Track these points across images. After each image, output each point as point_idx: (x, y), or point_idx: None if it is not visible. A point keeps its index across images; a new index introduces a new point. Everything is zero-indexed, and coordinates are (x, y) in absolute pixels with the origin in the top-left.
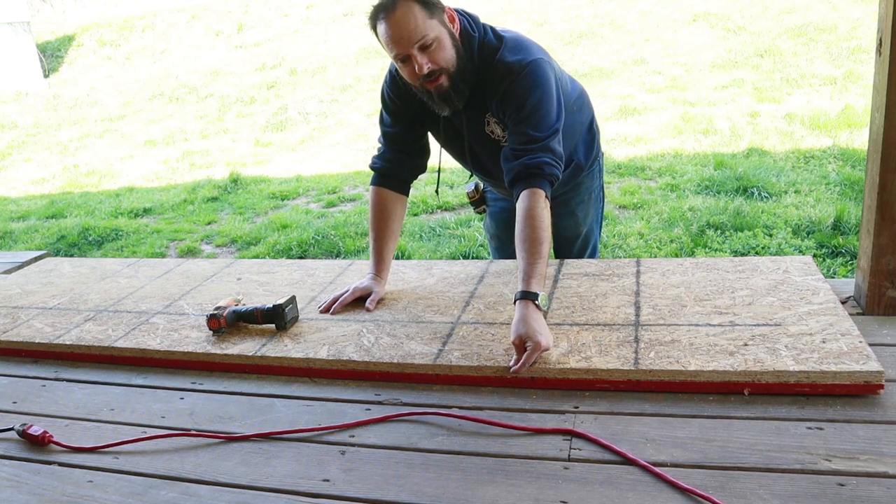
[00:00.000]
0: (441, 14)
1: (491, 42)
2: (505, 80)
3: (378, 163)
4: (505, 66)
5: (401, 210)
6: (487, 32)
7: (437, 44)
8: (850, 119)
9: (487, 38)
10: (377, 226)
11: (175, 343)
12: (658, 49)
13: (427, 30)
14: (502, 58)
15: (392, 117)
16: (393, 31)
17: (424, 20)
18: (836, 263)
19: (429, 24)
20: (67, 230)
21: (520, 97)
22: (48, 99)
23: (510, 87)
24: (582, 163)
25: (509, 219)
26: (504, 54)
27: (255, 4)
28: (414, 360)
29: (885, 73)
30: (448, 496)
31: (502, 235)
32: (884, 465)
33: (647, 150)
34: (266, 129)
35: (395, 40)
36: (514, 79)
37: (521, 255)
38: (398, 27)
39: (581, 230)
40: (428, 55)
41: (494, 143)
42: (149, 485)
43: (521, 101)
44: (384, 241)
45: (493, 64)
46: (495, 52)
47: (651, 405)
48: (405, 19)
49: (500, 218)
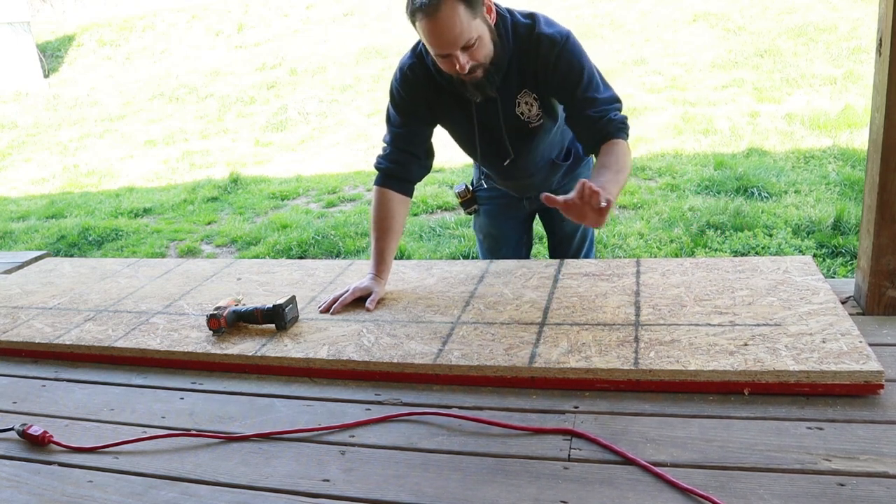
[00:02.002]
0: (482, 8)
1: (522, 21)
2: (552, 51)
3: (383, 163)
4: (548, 38)
5: (403, 211)
6: (514, 13)
7: (479, 42)
8: (850, 119)
9: (516, 18)
10: (379, 226)
11: (175, 343)
12: (658, 49)
13: (471, 31)
14: (541, 31)
15: (401, 116)
16: (437, 31)
17: (469, 21)
18: (836, 263)
19: (472, 25)
20: (67, 230)
21: (573, 67)
22: (48, 99)
23: (559, 57)
24: (581, 154)
25: (504, 215)
26: (542, 28)
27: (255, 4)
28: (414, 360)
29: (885, 73)
30: (448, 496)
31: (497, 233)
32: (884, 465)
33: (647, 150)
34: (266, 129)
35: (438, 41)
36: (561, 50)
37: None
38: (442, 29)
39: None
40: (469, 54)
41: (525, 124)
42: (149, 485)
43: (576, 71)
44: (386, 241)
45: (531, 39)
46: (532, 28)
47: (651, 405)
48: (451, 22)
49: (494, 215)
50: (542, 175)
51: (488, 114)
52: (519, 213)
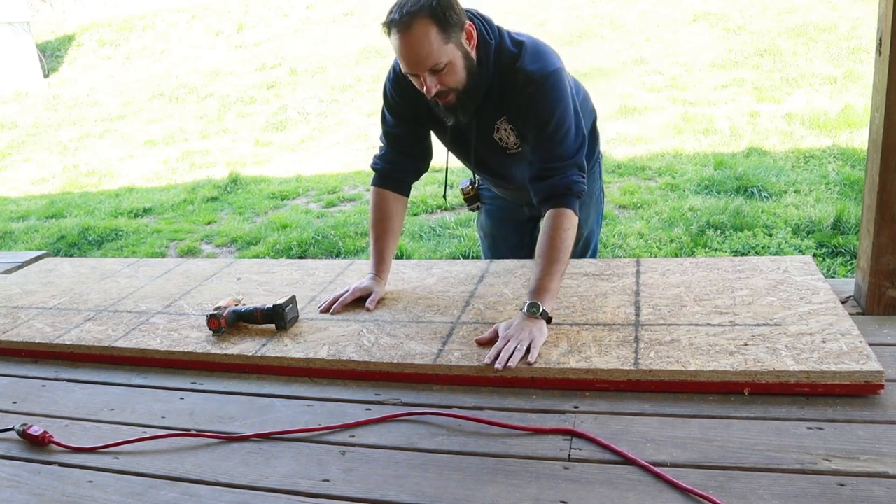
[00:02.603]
0: (458, 34)
1: (509, 48)
2: (526, 90)
3: (379, 163)
4: (526, 74)
5: (401, 211)
6: (504, 38)
7: (449, 68)
8: (850, 119)
9: (504, 44)
10: (378, 226)
11: (175, 343)
12: (658, 49)
13: (440, 56)
14: (523, 66)
15: (394, 117)
16: (405, 50)
17: (440, 46)
18: (836, 263)
19: (444, 50)
20: (67, 230)
21: (543, 111)
22: (48, 99)
23: (532, 97)
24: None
25: (504, 217)
26: (525, 62)
27: (255, 4)
28: (414, 360)
29: (885, 72)
30: (448, 496)
31: (497, 234)
32: (884, 465)
33: (647, 150)
34: (266, 129)
35: (406, 59)
36: (536, 89)
37: (536, 268)
38: (412, 48)
39: (582, 232)
40: (438, 78)
41: (502, 150)
42: (149, 485)
43: (545, 116)
44: (385, 241)
45: (512, 71)
46: (515, 60)
47: (651, 405)
48: (419, 44)
49: (495, 216)
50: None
51: (463, 132)
52: (519, 216)
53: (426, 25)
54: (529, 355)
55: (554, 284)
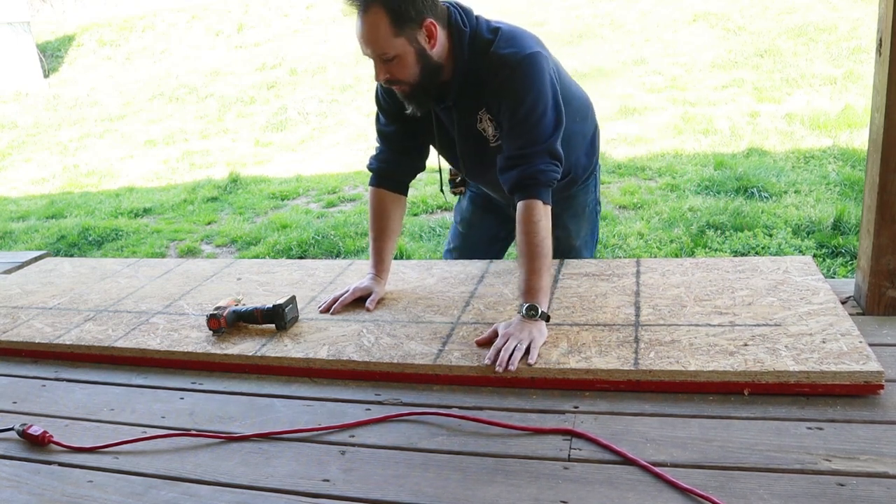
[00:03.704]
0: (414, 29)
1: (484, 35)
2: (500, 74)
3: (375, 163)
4: (499, 58)
5: (400, 210)
6: (480, 25)
7: (398, 61)
8: (850, 119)
9: (480, 30)
10: (377, 226)
11: (175, 343)
12: (658, 49)
13: (388, 48)
14: (497, 50)
15: (385, 115)
16: (359, 32)
17: (388, 38)
18: (836, 263)
19: (392, 42)
20: (67, 230)
21: (515, 95)
22: (48, 99)
23: (505, 81)
24: (578, 176)
25: (488, 207)
26: (499, 46)
27: (255, 4)
28: (414, 360)
29: (885, 73)
30: (448, 496)
31: (474, 220)
32: (884, 465)
33: (647, 150)
34: (266, 129)
35: (359, 40)
36: (509, 73)
37: (520, 269)
38: (362, 31)
39: (573, 243)
40: (387, 67)
41: (485, 141)
42: (149, 485)
43: (516, 101)
44: (384, 241)
45: (487, 57)
46: (489, 46)
47: (651, 405)
48: (370, 30)
49: (476, 203)
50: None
51: (447, 126)
52: (501, 210)
53: (379, 14)
54: (529, 356)
55: (543, 281)
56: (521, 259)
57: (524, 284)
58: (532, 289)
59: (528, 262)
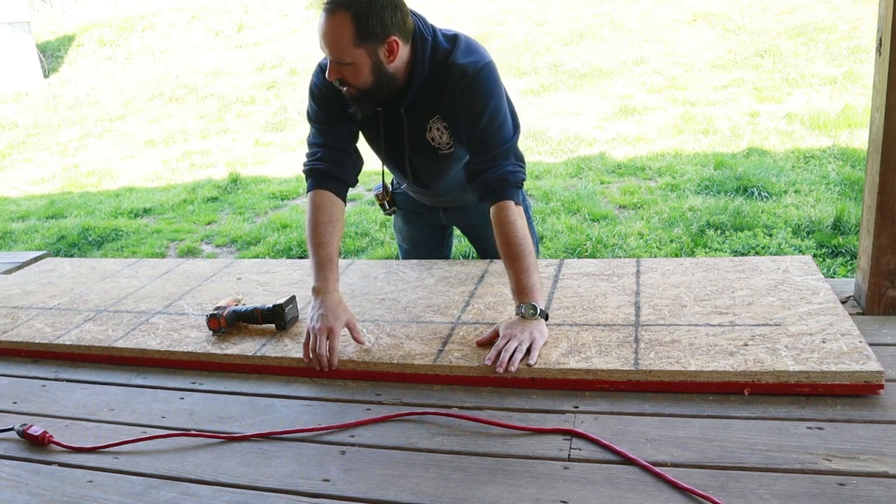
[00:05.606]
0: (376, 44)
1: (442, 44)
2: (460, 83)
3: (318, 164)
4: (459, 68)
5: (343, 216)
6: (437, 34)
7: (352, 68)
8: (850, 119)
9: (437, 40)
10: (324, 230)
11: (175, 343)
12: (658, 49)
13: (346, 55)
14: (455, 60)
15: (323, 111)
16: (321, 30)
17: (348, 46)
18: (836, 263)
19: (351, 51)
20: (67, 230)
21: (475, 104)
22: (48, 99)
23: (465, 91)
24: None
25: (422, 221)
26: (457, 56)
27: (255, 4)
28: (414, 360)
29: (885, 73)
30: (448, 496)
31: (415, 238)
32: (884, 465)
33: (647, 150)
34: (266, 129)
35: (320, 38)
36: (469, 83)
37: (508, 270)
38: (324, 32)
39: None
40: (340, 69)
41: (433, 150)
42: (149, 485)
43: (478, 108)
44: (333, 246)
45: (446, 66)
46: (448, 54)
47: (651, 405)
48: (332, 33)
49: (411, 220)
50: (455, 194)
51: (395, 132)
52: (435, 220)
53: (344, 22)
54: (530, 356)
55: (533, 278)
56: (507, 261)
57: (516, 285)
58: (525, 288)
59: (514, 263)
